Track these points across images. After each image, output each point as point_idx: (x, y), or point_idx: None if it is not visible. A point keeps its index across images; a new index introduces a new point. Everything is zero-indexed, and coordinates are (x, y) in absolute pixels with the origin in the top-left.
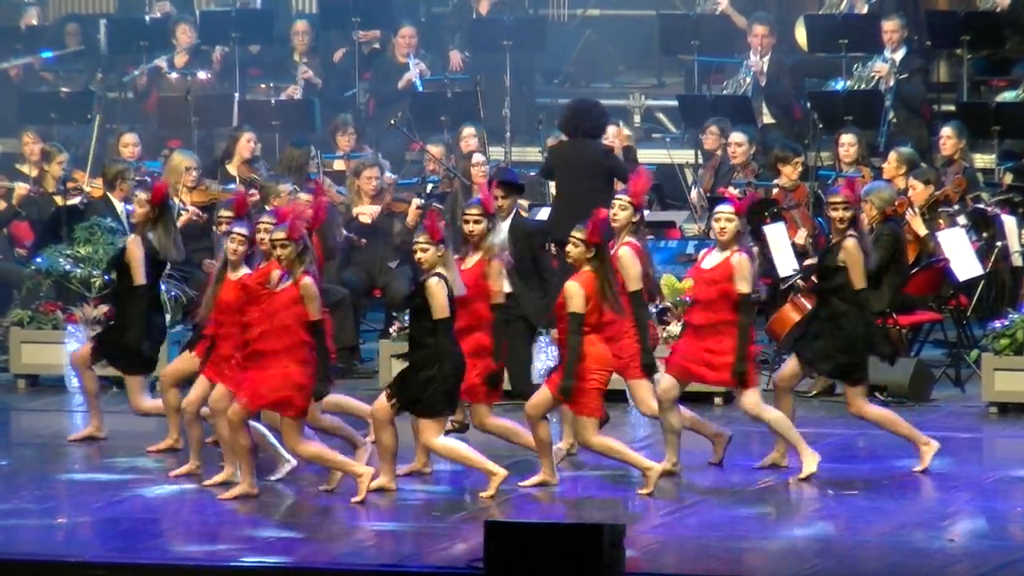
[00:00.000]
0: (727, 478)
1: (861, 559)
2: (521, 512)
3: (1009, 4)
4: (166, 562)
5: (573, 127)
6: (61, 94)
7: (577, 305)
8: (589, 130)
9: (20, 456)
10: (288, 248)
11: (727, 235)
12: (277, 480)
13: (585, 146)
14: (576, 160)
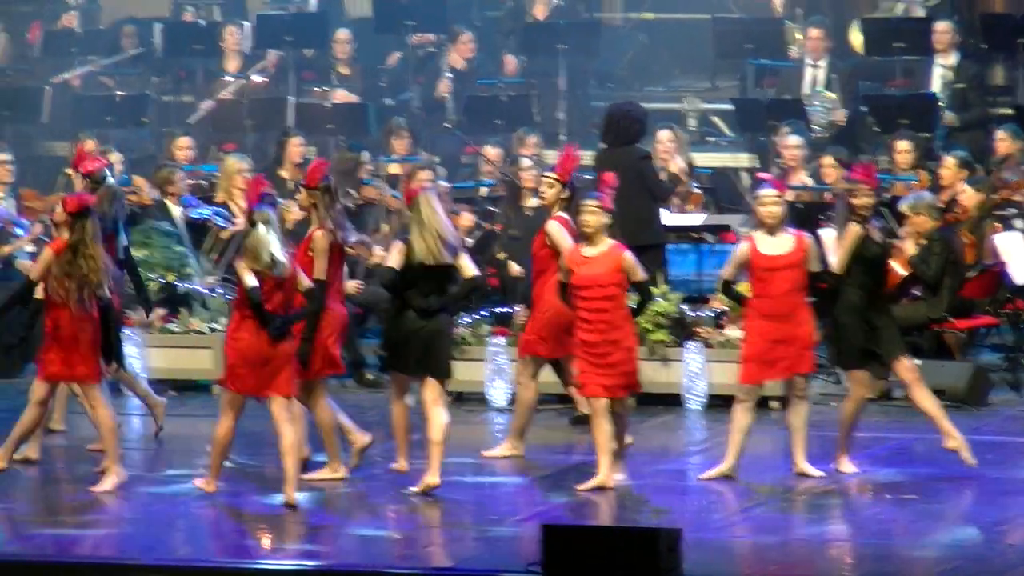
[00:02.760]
0: (785, 482)
1: (919, 563)
2: (578, 516)
3: None
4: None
5: (611, 137)
6: (117, 97)
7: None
8: (625, 137)
9: (74, 460)
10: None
11: (776, 218)
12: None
13: (623, 152)
14: (614, 166)
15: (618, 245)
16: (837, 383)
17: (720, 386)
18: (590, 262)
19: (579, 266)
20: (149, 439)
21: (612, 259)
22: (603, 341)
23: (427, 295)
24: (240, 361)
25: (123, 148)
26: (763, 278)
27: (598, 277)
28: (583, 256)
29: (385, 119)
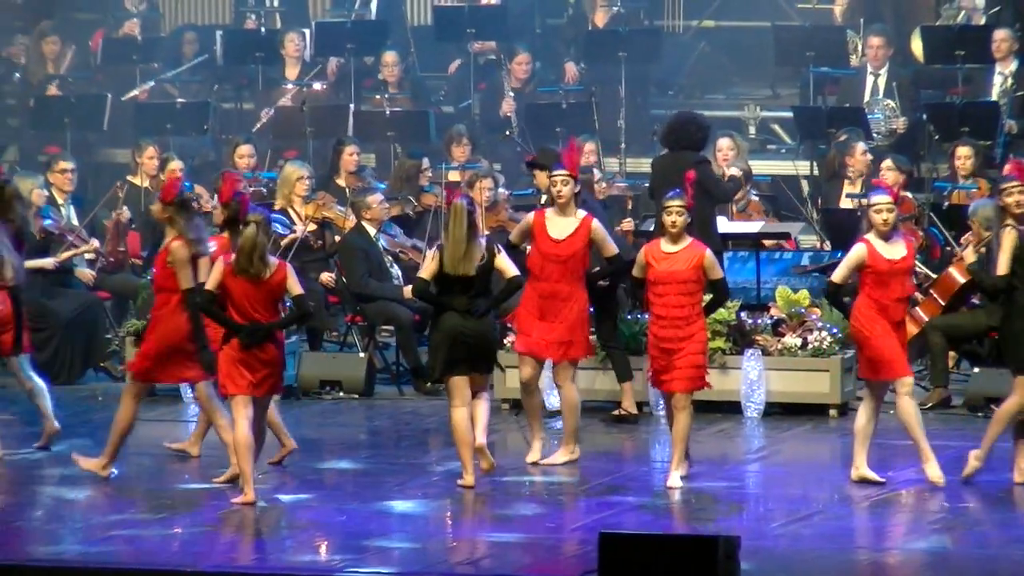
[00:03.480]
0: (844, 490)
1: (976, 571)
2: (636, 523)
3: None
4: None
5: (672, 140)
6: (177, 105)
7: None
8: (687, 143)
9: (136, 466)
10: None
11: (889, 224)
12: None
13: (684, 158)
14: (674, 172)
15: (698, 243)
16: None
17: (778, 394)
18: (670, 258)
19: (659, 261)
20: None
21: (693, 256)
22: (675, 337)
23: (471, 297)
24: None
25: (184, 155)
26: (883, 282)
27: (678, 273)
28: (663, 252)
29: (445, 126)
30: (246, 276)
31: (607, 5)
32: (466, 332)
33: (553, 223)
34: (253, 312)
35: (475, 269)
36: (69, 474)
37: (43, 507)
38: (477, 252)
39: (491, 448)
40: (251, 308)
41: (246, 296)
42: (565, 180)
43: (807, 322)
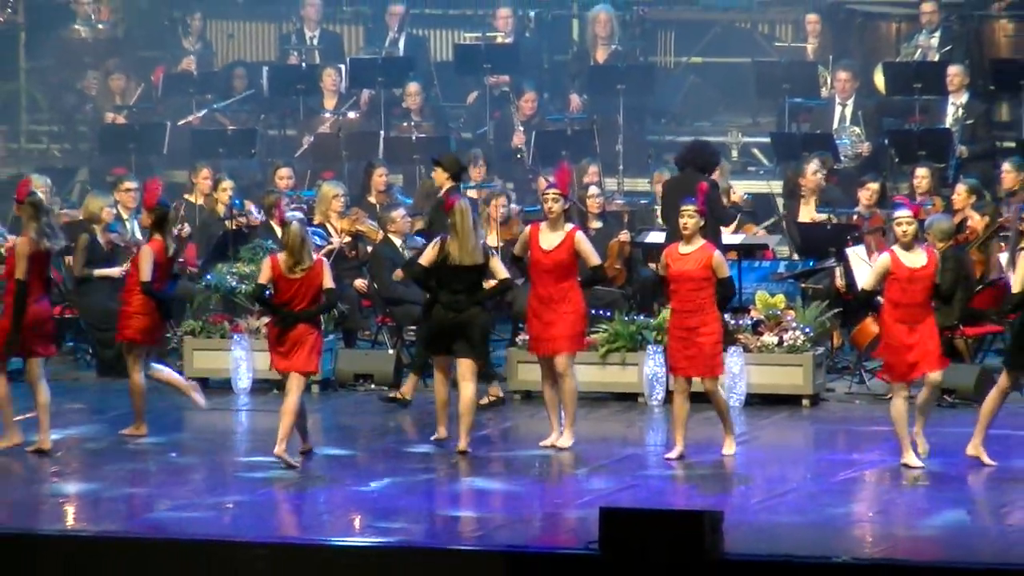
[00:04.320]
0: (815, 471)
1: (928, 542)
2: (632, 499)
3: None
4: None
5: (687, 162)
6: (228, 132)
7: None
8: (701, 165)
9: (192, 450)
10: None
11: (909, 236)
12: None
13: (695, 178)
14: (685, 190)
15: (709, 245)
16: (861, 383)
17: (757, 386)
18: (685, 259)
19: (675, 262)
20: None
21: (703, 256)
22: (690, 326)
23: (456, 292)
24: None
25: (234, 176)
26: (905, 288)
27: (690, 272)
28: (679, 253)
29: (464, 150)
30: (294, 269)
31: (607, 43)
32: (445, 323)
33: (544, 235)
34: (297, 301)
35: (479, 259)
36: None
37: (108, 484)
38: (480, 247)
39: (505, 433)
40: (296, 299)
41: (291, 289)
42: (556, 198)
43: (783, 323)
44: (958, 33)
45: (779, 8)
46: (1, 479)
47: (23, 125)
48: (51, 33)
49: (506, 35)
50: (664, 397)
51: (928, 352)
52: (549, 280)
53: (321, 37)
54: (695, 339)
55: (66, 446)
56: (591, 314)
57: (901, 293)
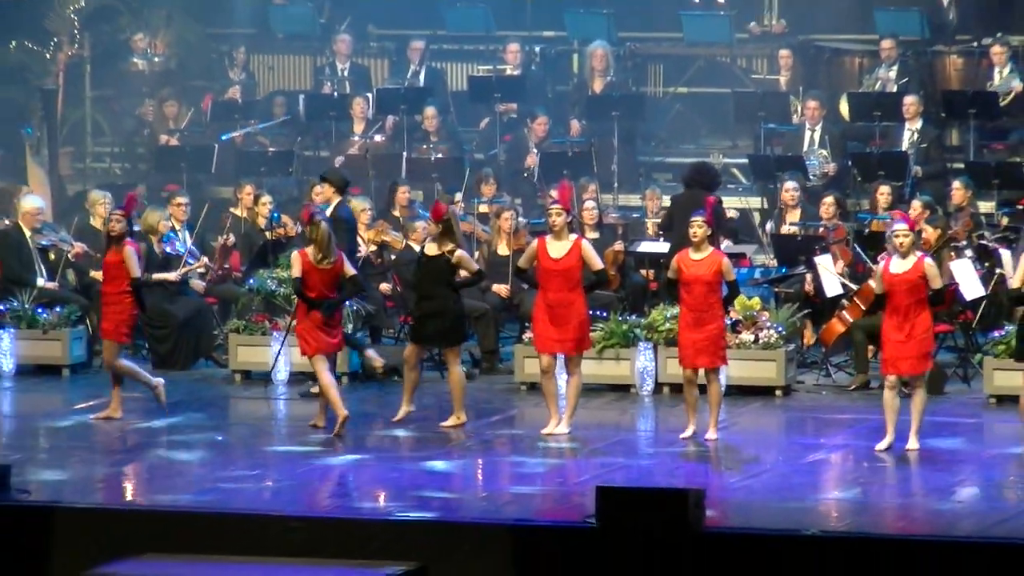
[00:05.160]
0: (787, 453)
1: (887, 517)
2: (624, 478)
3: (1021, 89)
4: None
5: (694, 181)
6: (269, 153)
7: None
8: (706, 183)
9: (236, 433)
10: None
11: (906, 246)
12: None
13: (700, 195)
14: (692, 205)
15: (718, 251)
16: (827, 376)
17: (736, 378)
18: (696, 264)
19: (688, 267)
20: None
21: (713, 262)
22: (700, 321)
23: (434, 285)
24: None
25: (273, 193)
26: (891, 292)
27: (702, 276)
28: (691, 259)
29: (477, 170)
30: (322, 262)
31: (603, 75)
32: (424, 313)
33: (552, 246)
34: (325, 291)
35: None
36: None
37: (161, 464)
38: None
39: (511, 421)
40: (323, 287)
41: (320, 279)
42: (559, 212)
43: (758, 322)
44: (913, 67)
45: (755, 44)
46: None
47: (88, 147)
48: (113, 66)
49: (514, 68)
50: (653, 388)
51: (908, 354)
52: (559, 285)
53: (351, 69)
54: (703, 334)
55: (124, 429)
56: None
57: (891, 296)
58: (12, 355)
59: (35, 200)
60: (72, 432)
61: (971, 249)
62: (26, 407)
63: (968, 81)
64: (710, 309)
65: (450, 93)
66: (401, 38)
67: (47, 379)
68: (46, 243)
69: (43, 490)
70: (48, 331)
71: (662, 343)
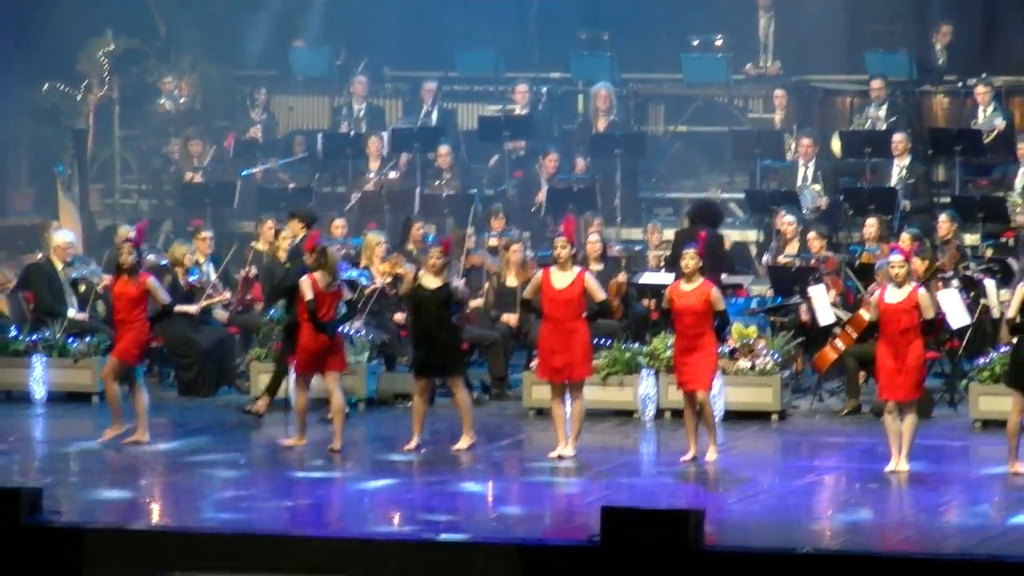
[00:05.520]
0: (783, 475)
1: (879, 535)
2: (628, 499)
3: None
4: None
5: (699, 217)
6: (288, 189)
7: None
8: (709, 220)
9: (257, 456)
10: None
11: (902, 277)
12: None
13: (699, 230)
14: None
15: (707, 282)
16: (821, 401)
17: (733, 403)
18: (687, 295)
19: (679, 298)
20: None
21: (703, 292)
22: (692, 348)
23: (433, 317)
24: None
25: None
26: (887, 320)
27: (692, 306)
28: (682, 290)
29: (487, 205)
30: (330, 286)
31: (606, 114)
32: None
33: (556, 277)
34: (330, 314)
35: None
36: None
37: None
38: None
39: (520, 445)
40: (328, 311)
41: (327, 303)
42: (564, 244)
43: (755, 350)
44: (902, 106)
45: (751, 85)
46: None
47: (117, 184)
48: (141, 107)
49: (522, 108)
50: (655, 413)
51: (902, 382)
52: (563, 315)
53: (367, 109)
54: (695, 360)
55: (152, 455)
56: (594, 343)
57: (885, 324)
58: (44, 383)
59: (66, 234)
60: (101, 456)
61: (957, 280)
62: (57, 432)
63: (954, 119)
64: (701, 337)
65: (461, 132)
66: (414, 80)
67: (77, 406)
68: (77, 276)
69: (74, 512)
70: (79, 360)
71: (663, 370)
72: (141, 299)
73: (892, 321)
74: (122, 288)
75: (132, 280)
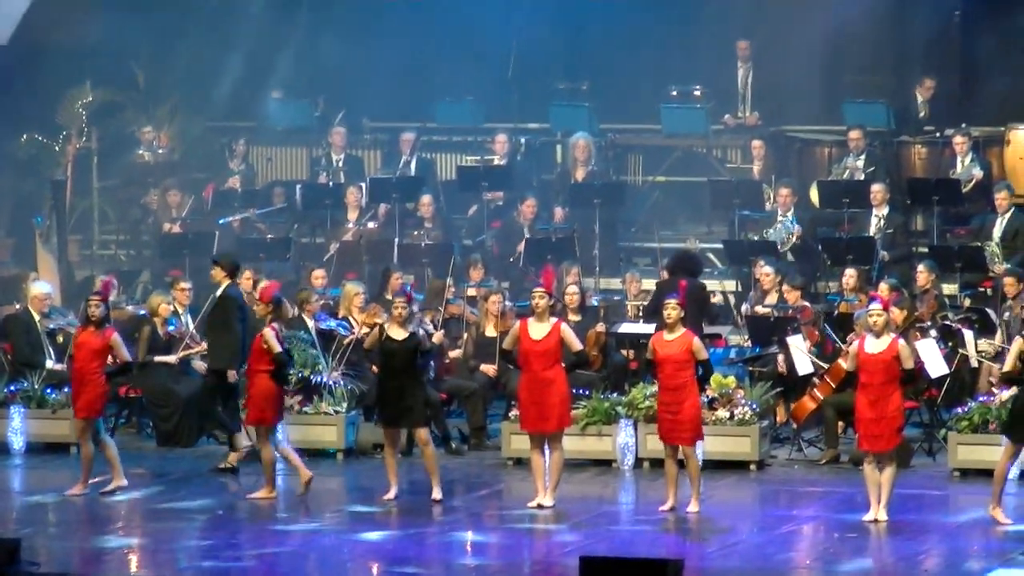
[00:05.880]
0: (761, 524)
1: None
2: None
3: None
4: None
5: (679, 268)
6: (267, 239)
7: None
8: (689, 271)
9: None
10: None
11: (880, 326)
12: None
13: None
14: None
15: (689, 332)
16: (799, 451)
17: (712, 453)
18: (668, 344)
19: (661, 347)
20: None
21: (685, 342)
22: (676, 400)
23: (399, 366)
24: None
25: (271, 277)
26: (867, 369)
27: (674, 355)
28: (664, 340)
29: (466, 255)
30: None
31: (585, 164)
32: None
33: (533, 328)
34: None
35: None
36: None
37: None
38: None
39: (499, 495)
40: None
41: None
42: (542, 295)
43: (734, 400)
44: (880, 156)
45: (730, 135)
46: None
47: (95, 235)
48: (119, 157)
49: (501, 158)
50: (634, 463)
51: (881, 431)
52: (539, 365)
53: (345, 160)
54: (679, 412)
55: (131, 505)
56: (573, 393)
57: (864, 374)
58: (22, 433)
59: (43, 286)
60: (79, 507)
61: (935, 329)
62: (35, 483)
63: (932, 170)
64: (684, 387)
65: (440, 182)
66: (393, 130)
67: (56, 457)
68: (55, 327)
69: (52, 562)
70: (57, 411)
71: (642, 420)
72: (102, 352)
73: (871, 371)
74: (86, 339)
75: (97, 333)
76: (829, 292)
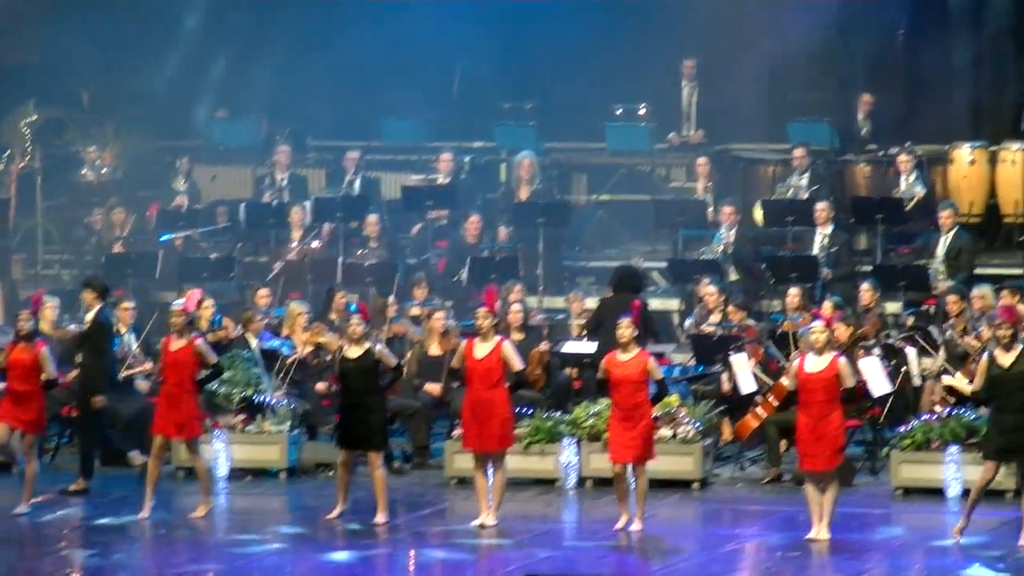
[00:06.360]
0: (704, 543)
1: None
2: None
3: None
4: None
5: (622, 285)
6: (211, 258)
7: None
8: (632, 287)
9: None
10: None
11: (821, 343)
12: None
13: (627, 298)
14: (619, 308)
15: (644, 352)
16: (742, 469)
17: (655, 471)
18: (623, 365)
19: (616, 368)
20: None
21: (640, 362)
22: (629, 418)
23: (357, 385)
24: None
25: (215, 296)
26: (807, 388)
27: (630, 376)
28: (619, 360)
29: (409, 274)
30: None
31: (529, 183)
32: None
33: (477, 347)
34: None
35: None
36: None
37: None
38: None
39: (442, 514)
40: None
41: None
42: (485, 315)
43: (677, 418)
44: (824, 175)
45: (674, 154)
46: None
47: (39, 254)
48: (63, 177)
49: (445, 176)
50: (577, 482)
51: (822, 450)
52: (482, 385)
53: (290, 179)
54: (632, 431)
55: (72, 524)
56: (516, 412)
57: (804, 392)
58: None
59: None
60: (17, 528)
61: (879, 348)
62: None
63: (876, 188)
64: (638, 407)
65: (384, 201)
66: (338, 149)
67: None
68: None
69: None
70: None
71: (585, 439)
72: (34, 367)
73: (811, 390)
74: (18, 356)
75: (28, 348)
76: (773, 311)
